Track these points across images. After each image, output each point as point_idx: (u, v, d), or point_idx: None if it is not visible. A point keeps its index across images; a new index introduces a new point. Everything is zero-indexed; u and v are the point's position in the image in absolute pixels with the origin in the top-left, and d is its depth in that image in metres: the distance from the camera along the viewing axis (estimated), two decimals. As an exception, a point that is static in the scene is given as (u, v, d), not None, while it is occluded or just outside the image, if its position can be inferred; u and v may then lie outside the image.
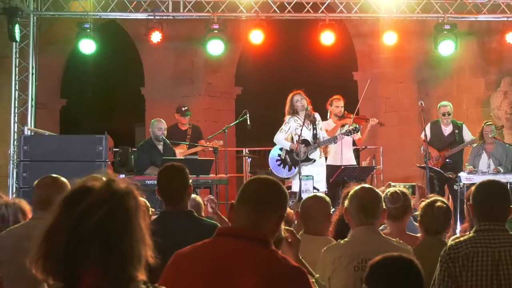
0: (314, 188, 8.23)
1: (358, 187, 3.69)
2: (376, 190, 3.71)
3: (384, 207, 3.64)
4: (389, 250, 2.77)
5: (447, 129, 9.78)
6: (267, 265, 2.38)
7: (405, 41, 12.00)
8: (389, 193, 4.32)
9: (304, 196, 7.68)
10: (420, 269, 2.55)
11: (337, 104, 9.46)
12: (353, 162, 9.48)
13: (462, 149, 9.72)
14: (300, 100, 8.70)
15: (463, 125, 9.89)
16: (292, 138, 8.87)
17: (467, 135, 9.74)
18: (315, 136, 8.76)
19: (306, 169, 8.63)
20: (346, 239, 3.59)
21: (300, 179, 8.29)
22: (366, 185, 3.76)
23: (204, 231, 3.07)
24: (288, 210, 3.41)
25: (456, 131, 9.73)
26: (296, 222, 4.31)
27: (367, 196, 3.56)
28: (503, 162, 9.33)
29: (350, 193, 3.66)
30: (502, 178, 8.49)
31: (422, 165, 9.31)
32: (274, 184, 2.55)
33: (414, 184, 8.44)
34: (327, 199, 4.03)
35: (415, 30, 12.35)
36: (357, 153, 10.07)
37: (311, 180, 8.23)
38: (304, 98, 8.71)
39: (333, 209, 5.05)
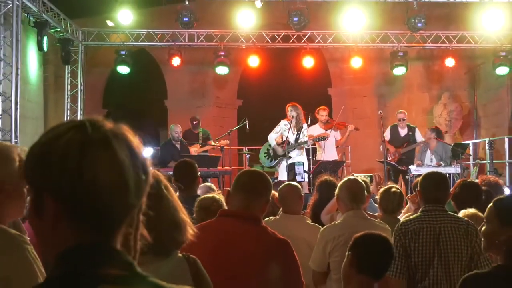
0: (305, 171, 8.07)
1: (346, 178, 3.60)
2: (361, 181, 3.62)
3: (367, 194, 3.55)
4: (375, 229, 2.70)
5: (403, 131, 9.72)
6: (260, 239, 2.37)
7: (368, 64, 12.02)
8: None
9: (298, 178, 7.59)
10: (391, 243, 2.52)
11: (322, 114, 9.36)
12: (335, 157, 9.33)
13: (414, 147, 9.67)
14: (289, 111, 8.44)
15: (416, 128, 9.82)
16: (282, 137, 8.71)
17: (419, 136, 9.69)
18: (296, 140, 8.48)
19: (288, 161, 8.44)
20: (339, 221, 3.49)
21: (292, 164, 8.07)
22: (352, 177, 3.65)
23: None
24: (274, 192, 3.36)
25: (410, 133, 9.67)
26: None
27: (355, 187, 3.49)
28: (443, 157, 9.30)
29: (340, 183, 3.58)
30: (443, 170, 8.49)
31: (381, 160, 9.27)
32: (260, 175, 2.54)
33: (371, 174, 8.41)
34: (298, 185, 3.95)
35: (375, 56, 12.35)
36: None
37: (302, 165, 8.05)
38: (293, 110, 8.40)
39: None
